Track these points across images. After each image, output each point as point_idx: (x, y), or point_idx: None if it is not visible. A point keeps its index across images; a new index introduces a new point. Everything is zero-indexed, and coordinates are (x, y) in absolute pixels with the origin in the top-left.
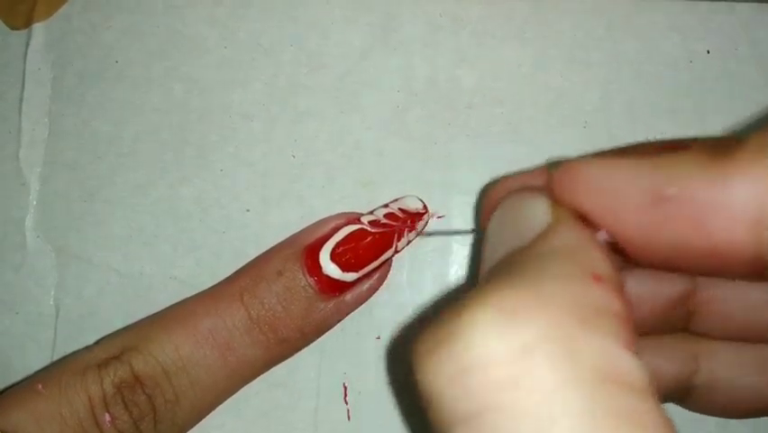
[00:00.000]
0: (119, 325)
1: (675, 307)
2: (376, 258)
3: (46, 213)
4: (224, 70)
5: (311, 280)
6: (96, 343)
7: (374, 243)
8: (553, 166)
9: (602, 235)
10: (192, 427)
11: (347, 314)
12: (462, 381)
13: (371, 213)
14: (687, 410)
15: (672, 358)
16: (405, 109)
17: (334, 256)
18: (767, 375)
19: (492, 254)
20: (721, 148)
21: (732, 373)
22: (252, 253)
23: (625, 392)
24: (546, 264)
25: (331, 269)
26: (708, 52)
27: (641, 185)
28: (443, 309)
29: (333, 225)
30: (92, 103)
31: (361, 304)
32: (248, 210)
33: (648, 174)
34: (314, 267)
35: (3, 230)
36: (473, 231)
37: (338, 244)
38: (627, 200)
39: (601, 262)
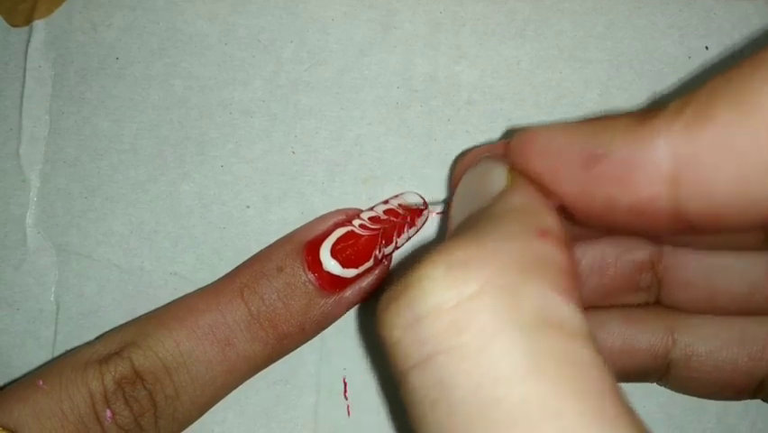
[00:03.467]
0: (120, 321)
1: (641, 271)
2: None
3: (46, 210)
4: (224, 67)
5: (311, 276)
6: (97, 339)
7: (374, 239)
8: (511, 134)
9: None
10: (192, 422)
11: (347, 310)
12: (416, 328)
13: (371, 209)
14: (687, 404)
15: (646, 330)
16: (405, 106)
17: (335, 252)
18: (745, 349)
19: (457, 217)
20: (648, 112)
21: (709, 346)
22: (253, 249)
23: (561, 335)
24: (498, 222)
25: (331, 265)
26: (707, 49)
27: (576, 147)
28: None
29: (333, 221)
30: (92, 100)
31: (362, 300)
32: (248, 206)
33: (582, 136)
34: (314, 263)
35: (3, 227)
36: (445, 201)
37: (338, 241)
38: (566, 162)
39: (547, 220)
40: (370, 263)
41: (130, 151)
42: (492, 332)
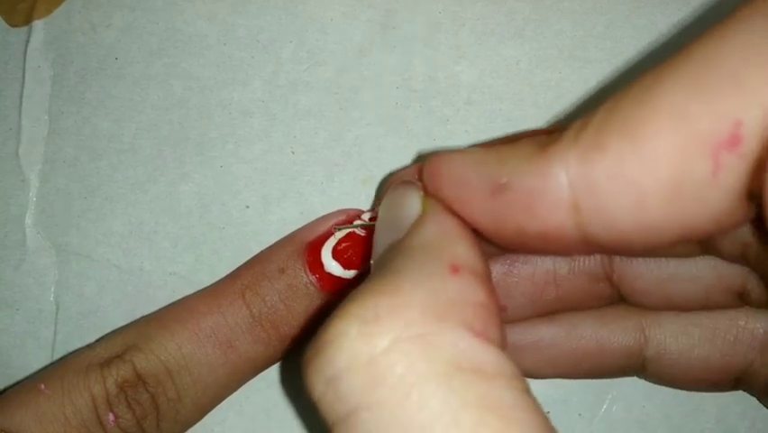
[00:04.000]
0: (119, 322)
1: (596, 282)
2: None
3: (46, 210)
4: (223, 67)
5: (313, 277)
6: (98, 341)
7: None
8: (423, 158)
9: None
10: (194, 424)
11: None
12: (335, 385)
13: (372, 210)
14: (685, 405)
15: (617, 330)
16: (404, 106)
17: (336, 254)
18: (717, 346)
19: (379, 245)
20: (549, 138)
21: (680, 345)
22: (252, 249)
23: (480, 379)
24: (410, 260)
25: (333, 266)
26: None
27: (482, 175)
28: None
29: (334, 222)
30: (92, 100)
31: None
32: (248, 207)
33: (488, 165)
34: (315, 264)
35: (3, 227)
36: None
37: (340, 242)
38: (474, 190)
39: (461, 253)
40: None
41: (129, 151)
42: (408, 384)
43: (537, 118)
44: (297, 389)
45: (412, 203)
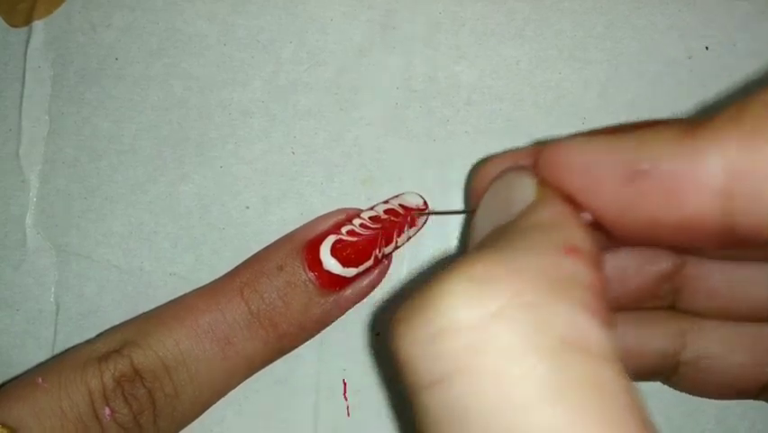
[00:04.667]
0: (119, 322)
1: (663, 282)
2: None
3: (46, 210)
4: (223, 67)
5: (311, 275)
6: (97, 337)
7: (374, 238)
8: (540, 146)
9: (586, 216)
10: (191, 421)
11: (347, 309)
12: (433, 345)
13: (371, 209)
14: (686, 406)
15: (659, 333)
16: (404, 106)
17: (335, 251)
18: (755, 354)
19: (481, 231)
20: (694, 123)
21: (719, 350)
22: (252, 249)
23: (587, 359)
24: (525, 237)
25: (331, 264)
26: (707, 49)
27: (616, 162)
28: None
29: (333, 220)
30: (92, 101)
31: (362, 299)
32: (247, 207)
33: (623, 151)
34: (314, 262)
35: (3, 227)
36: (465, 211)
37: (338, 240)
38: (604, 178)
39: (577, 236)
40: (369, 263)
41: (129, 151)
42: (515, 354)
43: (537, 118)
44: (297, 389)
45: (525, 188)
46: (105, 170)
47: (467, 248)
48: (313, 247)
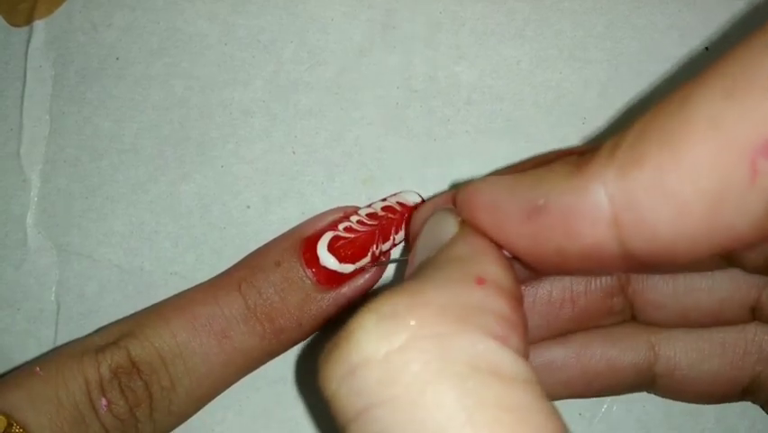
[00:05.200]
0: None
1: (612, 297)
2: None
3: (47, 210)
4: (224, 67)
5: (309, 271)
6: (96, 331)
7: (371, 235)
8: (456, 188)
9: (506, 252)
10: (189, 417)
11: (345, 306)
12: (351, 381)
13: (369, 206)
14: (685, 405)
15: (628, 347)
16: (404, 106)
17: (332, 248)
18: (727, 359)
19: (412, 267)
20: (583, 158)
21: (689, 360)
22: (253, 249)
23: (497, 382)
24: (441, 270)
25: (329, 261)
26: (707, 49)
27: (518, 199)
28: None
29: (331, 218)
30: (93, 100)
31: (359, 296)
32: (248, 207)
33: (522, 189)
34: (312, 259)
35: (4, 227)
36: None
37: (336, 237)
38: (508, 215)
39: (488, 268)
40: (367, 260)
41: (130, 151)
42: (424, 382)
43: (537, 118)
44: (297, 388)
45: (448, 226)
46: (106, 169)
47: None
48: (310, 244)
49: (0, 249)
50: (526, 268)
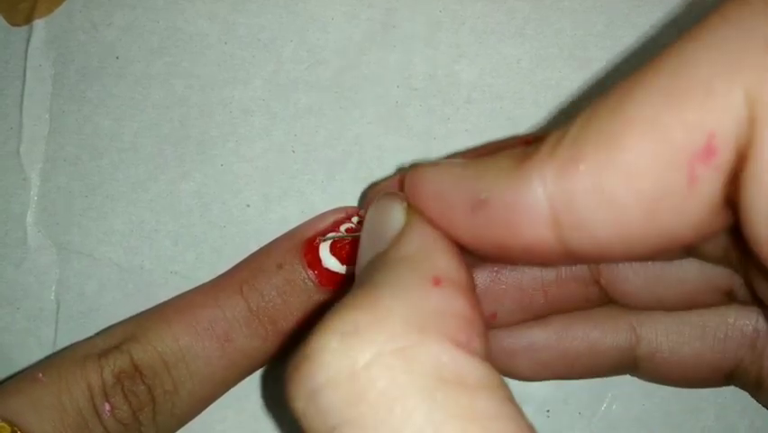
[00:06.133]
0: (120, 320)
1: (586, 286)
2: None
3: (47, 209)
4: (224, 66)
5: (311, 273)
6: (98, 334)
7: None
8: (406, 170)
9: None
10: (191, 419)
11: None
12: (316, 400)
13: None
14: (685, 403)
15: (608, 330)
16: (404, 105)
17: (334, 249)
18: (707, 343)
19: (363, 258)
20: (525, 152)
21: (672, 341)
22: (253, 248)
23: (463, 391)
24: (394, 271)
25: (330, 262)
26: None
27: (461, 191)
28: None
29: (332, 219)
30: (93, 99)
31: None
32: (248, 205)
33: (467, 179)
34: (313, 260)
35: (4, 225)
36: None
37: (338, 238)
38: (453, 205)
39: (443, 265)
40: None
41: (130, 149)
42: (391, 399)
43: (537, 117)
44: None
45: (395, 214)
46: (106, 168)
47: (355, 275)
48: (312, 245)
49: (0, 247)
50: (474, 257)
